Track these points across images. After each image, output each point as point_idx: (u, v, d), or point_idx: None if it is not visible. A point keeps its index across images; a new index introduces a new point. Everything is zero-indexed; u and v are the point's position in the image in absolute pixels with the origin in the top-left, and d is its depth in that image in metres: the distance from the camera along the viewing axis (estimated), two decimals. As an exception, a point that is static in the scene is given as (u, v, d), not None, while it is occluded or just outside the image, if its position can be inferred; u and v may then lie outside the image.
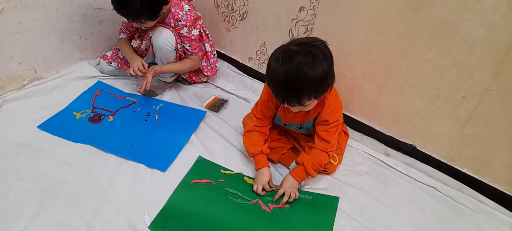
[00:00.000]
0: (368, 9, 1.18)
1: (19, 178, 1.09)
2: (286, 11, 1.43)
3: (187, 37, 1.45)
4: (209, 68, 1.63)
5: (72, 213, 1.02)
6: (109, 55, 1.61)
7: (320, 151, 1.13)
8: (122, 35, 1.54)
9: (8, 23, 1.34)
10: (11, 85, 1.43)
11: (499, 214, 1.14)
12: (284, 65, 0.95)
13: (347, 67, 1.31)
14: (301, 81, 0.95)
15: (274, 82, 0.99)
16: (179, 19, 1.41)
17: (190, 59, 1.53)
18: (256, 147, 1.17)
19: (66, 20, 1.51)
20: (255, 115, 1.20)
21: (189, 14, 1.43)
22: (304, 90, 0.97)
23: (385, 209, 1.12)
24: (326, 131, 1.13)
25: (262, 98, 1.19)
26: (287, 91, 0.98)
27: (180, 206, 1.07)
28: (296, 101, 0.98)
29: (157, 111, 1.46)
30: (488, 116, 1.10)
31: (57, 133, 1.28)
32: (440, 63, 1.11)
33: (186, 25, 1.42)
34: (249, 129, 1.20)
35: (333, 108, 1.11)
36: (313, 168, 1.12)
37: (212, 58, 1.62)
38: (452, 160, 1.25)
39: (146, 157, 1.22)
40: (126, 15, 1.33)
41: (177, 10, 1.41)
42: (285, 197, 1.10)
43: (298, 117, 1.17)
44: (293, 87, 0.96)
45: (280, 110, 1.19)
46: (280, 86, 0.98)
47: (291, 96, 0.98)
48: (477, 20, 0.99)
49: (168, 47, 1.42)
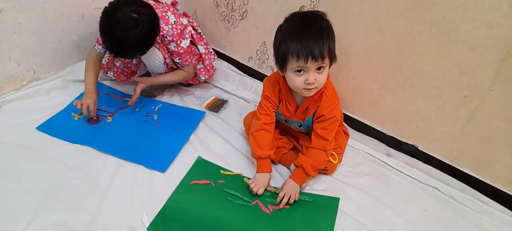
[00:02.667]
0: (369, 8, 1.18)
1: (17, 179, 1.09)
2: (286, 10, 1.41)
3: (175, 52, 1.39)
4: (205, 71, 1.59)
5: (71, 214, 1.01)
6: (104, 64, 1.54)
7: (317, 149, 1.12)
8: (98, 47, 1.36)
9: (6, 24, 1.33)
10: (10, 86, 1.43)
11: (502, 214, 1.13)
12: (299, 16, 1.01)
13: (348, 67, 1.30)
14: (320, 25, 0.99)
15: (289, 35, 0.98)
16: (164, 35, 1.32)
17: (181, 71, 1.49)
18: (263, 151, 1.15)
19: (65, 20, 1.51)
20: (260, 112, 1.19)
21: (175, 27, 1.34)
22: (323, 34, 0.97)
23: (387, 210, 1.12)
24: (324, 129, 1.12)
25: (264, 93, 1.18)
26: (307, 35, 0.96)
27: (179, 207, 1.06)
28: (317, 46, 0.96)
29: (156, 112, 1.45)
30: (490, 116, 1.09)
31: (55, 134, 1.27)
32: (442, 62, 1.10)
33: (173, 40, 1.34)
34: (257, 128, 1.18)
35: (331, 103, 1.11)
36: (312, 169, 1.11)
37: (207, 60, 1.57)
38: (454, 160, 1.24)
39: (145, 158, 1.21)
40: (122, 57, 1.37)
41: (162, 26, 1.30)
42: (285, 198, 1.09)
43: (299, 113, 1.16)
44: (313, 28, 0.98)
45: (282, 105, 1.18)
46: (299, 33, 0.97)
47: (312, 41, 0.96)
48: (479, 19, 0.98)
49: (156, 63, 1.41)
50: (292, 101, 1.16)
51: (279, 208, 1.09)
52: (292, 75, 1.02)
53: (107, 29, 1.16)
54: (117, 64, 1.56)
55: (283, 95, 1.16)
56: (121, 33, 1.14)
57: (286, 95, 1.16)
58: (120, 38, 1.15)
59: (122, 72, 1.56)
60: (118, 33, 1.14)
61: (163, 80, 1.47)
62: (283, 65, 1.04)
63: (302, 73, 1.01)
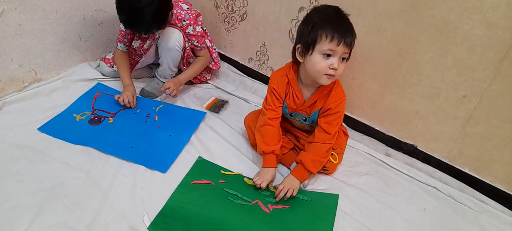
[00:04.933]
0: (368, 8, 1.18)
1: (19, 179, 1.09)
2: (285, 11, 1.43)
3: (193, 35, 1.49)
4: (213, 63, 1.66)
5: (72, 214, 1.01)
6: (110, 58, 1.60)
7: (318, 143, 1.13)
8: (120, 46, 1.51)
9: (8, 25, 1.34)
10: (12, 88, 1.44)
11: (501, 213, 1.13)
12: (328, 7, 1.07)
13: (348, 67, 1.30)
14: (348, 19, 1.06)
15: (324, 19, 1.03)
16: (183, 19, 1.44)
17: (200, 57, 1.57)
18: (268, 146, 1.16)
19: (66, 22, 1.52)
20: (266, 107, 1.20)
21: (189, 13, 1.46)
22: (352, 27, 1.05)
23: (386, 209, 1.12)
24: (327, 123, 1.13)
25: (271, 85, 1.18)
26: (342, 22, 1.03)
27: (180, 206, 1.07)
28: (350, 34, 1.02)
29: (157, 113, 1.45)
30: (489, 115, 1.10)
31: (57, 135, 1.27)
32: (441, 62, 1.11)
33: (190, 23, 1.46)
34: (262, 123, 1.19)
35: (338, 98, 1.13)
36: (313, 164, 1.11)
37: (214, 53, 1.65)
38: (453, 160, 1.25)
39: (146, 158, 1.22)
40: (138, 32, 1.38)
41: (178, 11, 1.44)
42: (282, 193, 1.09)
43: (305, 107, 1.17)
44: (345, 19, 1.05)
45: (288, 98, 1.18)
46: (335, 19, 1.03)
47: (346, 28, 1.02)
48: (477, 18, 0.99)
49: (177, 48, 1.45)
50: (299, 94, 1.16)
51: (278, 207, 1.09)
52: (318, 58, 1.03)
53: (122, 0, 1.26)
54: None
55: (291, 88, 1.17)
56: (135, 1, 1.22)
57: (294, 88, 1.16)
58: (135, 7, 1.23)
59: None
60: (133, 2, 1.22)
61: (189, 74, 1.55)
62: (310, 47, 1.04)
63: (328, 58, 1.02)
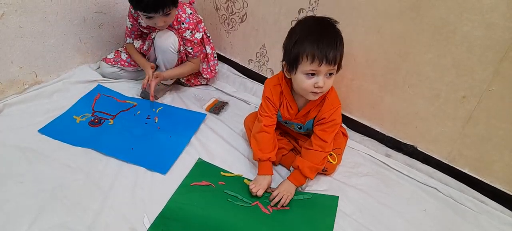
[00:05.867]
0: (368, 9, 1.18)
1: (19, 181, 1.10)
2: (285, 13, 1.43)
3: (189, 40, 1.47)
4: (208, 71, 1.63)
5: (72, 216, 1.02)
6: (111, 57, 1.61)
7: (315, 150, 1.13)
8: (129, 40, 1.58)
9: (8, 27, 1.34)
10: (12, 90, 1.44)
11: (501, 214, 1.13)
12: (313, 19, 1.06)
13: (347, 68, 1.31)
14: (334, 31, 1.02)
15: (305, 36, 1.00)
16: (182, 22, 1.44)
17: (190, 62, 1.55)
18: (264, 154, 1.15)
19: (66, 24, 1.52)
20: (261, 114, 1.19)
21: (191, 17, 1.45)
22: (337, 40, 1.01)
23: (386, 210, 1.12)
24: (323, 130, 1.13)
25: (265, 94, 1.19)
26: (323, 39, 0.98)
27: (180, 208, 1.07)
28: (332, 51, 0.98)
29: (157, 114, 1.46)
30: (488, 116, 1.10)
31: (57, 137, 1.28)
32: (440, 63, 1.11)
33: (188, 28, 1.45)
34: (258, 130, 1.19)
35: (332, 106, 1.12)
36: (310, 170, 1.12)
37: (212, 60, 1.63)
38: (453, 160, 1.25)
39: (146, 160, 1.22)
40: (155, 10, 1.31)
41: (180, 13, 1.44)
42: (276, 198, 1.10)
43: (300, 116, 1.17)
44: (328, 33, 1.01)
45: (283, 108, 1.19)
46: (315, 36, 0.99)
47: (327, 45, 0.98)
48: (476, 19, 0.99)
49: (171, 50, 1.44)
50: (293, 104, 1.17)
51: (278, 208, 1.10)
52: (302, 77, 1.03)
53: None
54: (123, 58, 1.62)
55: (284, 98, 1.17)
56: None
57: (287, 98, 1.16)
58: None
59: (130, 64, 1.63)
60: None
61: (172, 73, 1.53)
62: (293, 67, 1.04)
63: (312, 77, 1.02)
